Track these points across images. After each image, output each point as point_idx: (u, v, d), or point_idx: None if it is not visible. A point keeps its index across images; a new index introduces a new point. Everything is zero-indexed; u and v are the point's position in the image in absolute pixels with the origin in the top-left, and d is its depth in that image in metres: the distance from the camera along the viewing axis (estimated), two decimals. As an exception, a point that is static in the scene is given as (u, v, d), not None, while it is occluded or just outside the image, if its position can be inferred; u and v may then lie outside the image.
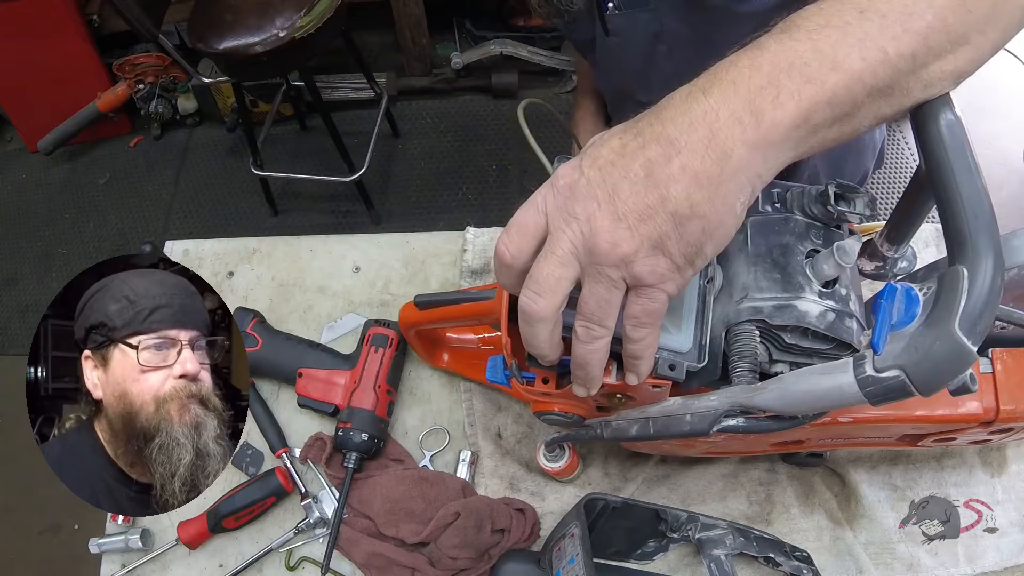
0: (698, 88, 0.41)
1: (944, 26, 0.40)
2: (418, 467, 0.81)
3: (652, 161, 0.40)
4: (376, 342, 0.82)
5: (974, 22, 0.41)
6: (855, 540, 0.74)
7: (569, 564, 0.63)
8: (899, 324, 0.38)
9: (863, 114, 0.42)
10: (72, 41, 2.46)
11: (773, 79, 0.39)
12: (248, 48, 1.79)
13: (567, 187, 0.42)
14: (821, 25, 0.40)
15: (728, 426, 0.48)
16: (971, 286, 0.36)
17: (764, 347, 0.50)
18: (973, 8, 0.40)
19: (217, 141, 2.69)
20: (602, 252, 0.40)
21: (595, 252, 0.41)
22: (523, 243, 0.43)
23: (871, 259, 0.63)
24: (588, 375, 0.47)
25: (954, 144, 0.41)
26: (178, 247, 0.99)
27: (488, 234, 0.95)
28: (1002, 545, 0.74)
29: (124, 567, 0.79)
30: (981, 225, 0.38)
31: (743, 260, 0.51)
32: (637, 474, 0.79)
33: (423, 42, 2.59)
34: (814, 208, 0.52)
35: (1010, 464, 0.77)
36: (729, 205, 0.40)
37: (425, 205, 2.46)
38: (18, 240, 2.56)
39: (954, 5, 0.40)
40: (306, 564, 0.78)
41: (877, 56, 0.39)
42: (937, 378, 0.36)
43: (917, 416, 0.56)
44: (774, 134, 0.39)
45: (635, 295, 0.42)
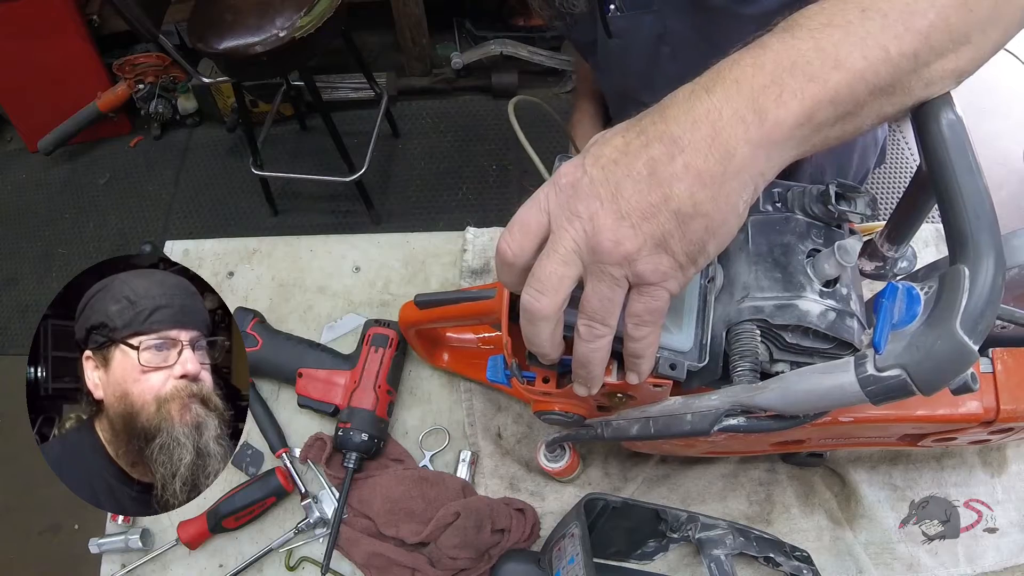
0: (701, 87, 0.41)
1: (946, 25, 0.40)
2: (418, 467, 0.81)
3: (655, 160, 0.40)
4: (376, 342, 0.82)
5: (976, 21, 0.41)
6: (855, 540, 0.74)
7: (569, 564, 0.63)
8: (900, 323, 0.38)
9: (865, 113, 0.42)
10: (72, 41, 2.46)
11: (776, 78, 0.39)
12: (248, 48, 1.79)
13: (570, 185, 0.42)
14: (823, 24, 0.40)
15: (729, 425, 0.48)
16: (973, 285, 0.36)
17: (765, 346, 0.50)
18: (975, 7, 0.41)
19: (217, 141, 2.69)
20: (605, 251, 0.40)
21: (598, 251, 0.41)
22: (525, 241, 0.43)
23: (871, 259, 0.63)
24: (590, 374, 0.47)
25: (955, 144, 0.41)
26: (178, 247, 0.99)
27: (488, 234, 0.95)
28: (1002, 545, 0.74)
29: (124, 567, 0.79)
30: (983, 225, 0.38)
31: (744, 259, 0.51)
32: (637, 474, 0.79)
33: (423, 42, 2.59)
34: (815, 208, 0.52)
35: (1010, 464, 0.77)
36: (732, 203, 0.40)
37: (425, 205, 2.46)
38: (18, 240, 2.56)
39: (956, 4, 0.40)
40: (306, 564, 0.78)
41: (879, 55, 0.39)
42: (939, 377, 0.36)
43: (918, 416, 0.56)
44: (777, 133, 0.40)
45: (637, 293, 0.42)
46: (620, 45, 0.84)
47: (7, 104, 2.62)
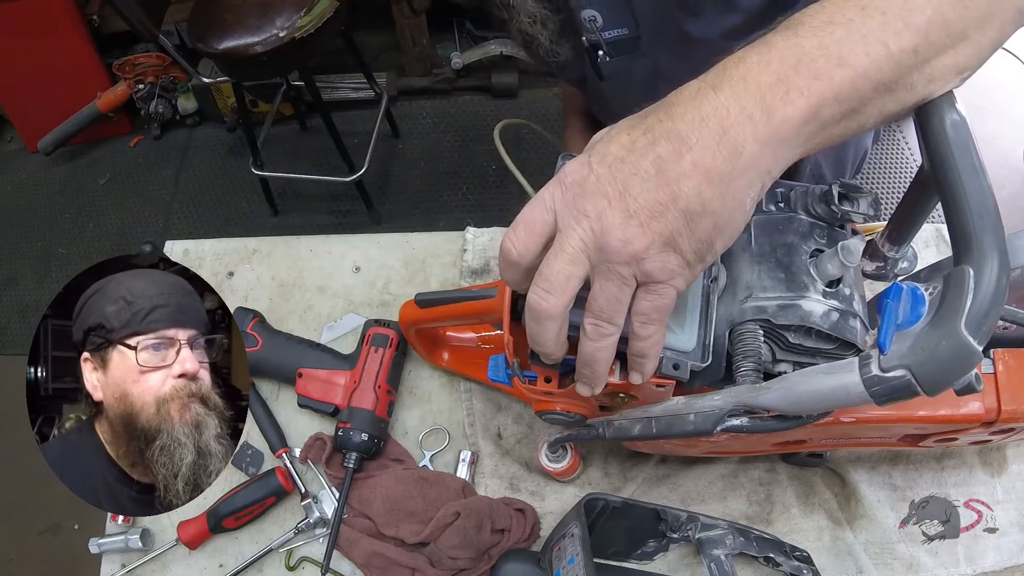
0: (708, 84, 0.41)
1: (943, 21, 0.40)
2: (418, 467, 0.81)
3: (662, 158, 0.40)
4: (376, 342, 0.82)
5: (972, 18, 0.41)
6: (855, 540, 0.74)
7: (569, 564, 0.63)
8: (905, 324, 0.38)
9: (869, 110, 0.42)
10: (72, 41, 2.46)
11: (782, 76, 0.40)
12: (248, 48, 1.79)
13: (576, 184, 0.42)
14: (825, 22, 0.41)
15: (732, 426, 0.48)
16: (977, 286, 0.36)
17: (768, 347, 0.50)
18: (970, 4, 0.41)
19: (217, 141, 2.68)
20: (614, 250, 0.40)
21: (606, 250, 0.40)
22: (530, 240, 0.43)
23: (872, 259, 0.63)
24: (594, 373, 0.47)
25: (959, 143, 0.41)
26: (178, 247, 0.99)
27: (488, 234, 0.95)
28: (1002, 545, 0.74)
29: (124, 567, 0.79)
30: (987, 225, 0.38)
31: (747, 259, 0.51)
32: (637, 474, 0.79)
33: (423, 42, 2.58)
34: (818, 208, 0.52)
35: (1010, 464, 0.77)
36: (739, 201, 0.40)
37: (425, 205, 2.45)
38: (18, 240, 2.56)
39: (952, 1, 0.41)
40: (306, 564, 0.78)
41: (880, 52, 0.40)
42: (943, 378, 0.36)
43: (919, 416, 0.56)
44: (785, 130, 0.40)
45: (644, 291, 0.42)
46: (614, 87, 0.83)
47: (7, 104, 2.62)
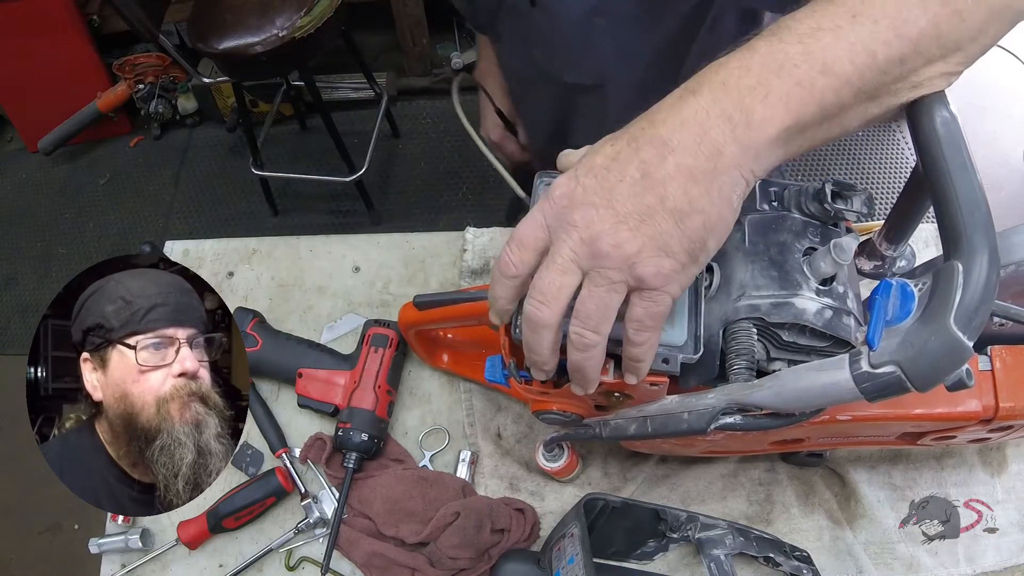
0: (688, 90, 0.42)
1: (936, 33, 0.40)
2: (418, 467, 0.81)
3: (647, 162, 0.40)
4: (376, 342, 0.82)
5: (967, 30, 0.41)
6: (855, 540, 0.74)
7: (569, 564, 0.63)
8: (894, 320, 0.39)
9: (851, 116, 0.42)
10: (72, 41, 2.46)
11: (763, 80, 0.40)
12: (248, 48, 1.79)
13: (564, 196, 0.42)
14: (813, 28, 0.41)
15: (725, 424, 0.48)
16: (966, 281, 0.36)
17: (761, 345, 0.50)
18: (967, 18, 0.41)
19: (217, 141, 2.69)
20: (605, 254, 0.41)
21: (598, 255, 0.41)
22: (525, 256, 0.44)
23: (870, 258, 0.63)
24: (585, 379, 0.48)
25: (949, 141, 0.41)
26: (178, 247, 0.99)
27: (488, 234, 0.95)
28: (1002, 545, 0.74)
29: (124, 567, 0.79)
30: (976, 221, 0.38)
31: (740, 258, 0.51)
32: (637, 474, 0.79)
33: (423, 42, 2.59)
34: (811, 206, 0.52)
35: (1010, 464, 0.77)
36: (726, 198, 0.41)
37: (425, 205, 2.45)
38: (18, 240, 2.56)
39: (948, 13, 0.40)
40: (306, 564, 0.78)
41: (866, 60, 0.40)
42: (933, 373, 0.36)
43: (916, 414, 0.56)
44: (765, 132, 0.40)
45: (638, 298, 0.43)
46: (545, 18, 0.77)
47: (7, 104, 2.62)
